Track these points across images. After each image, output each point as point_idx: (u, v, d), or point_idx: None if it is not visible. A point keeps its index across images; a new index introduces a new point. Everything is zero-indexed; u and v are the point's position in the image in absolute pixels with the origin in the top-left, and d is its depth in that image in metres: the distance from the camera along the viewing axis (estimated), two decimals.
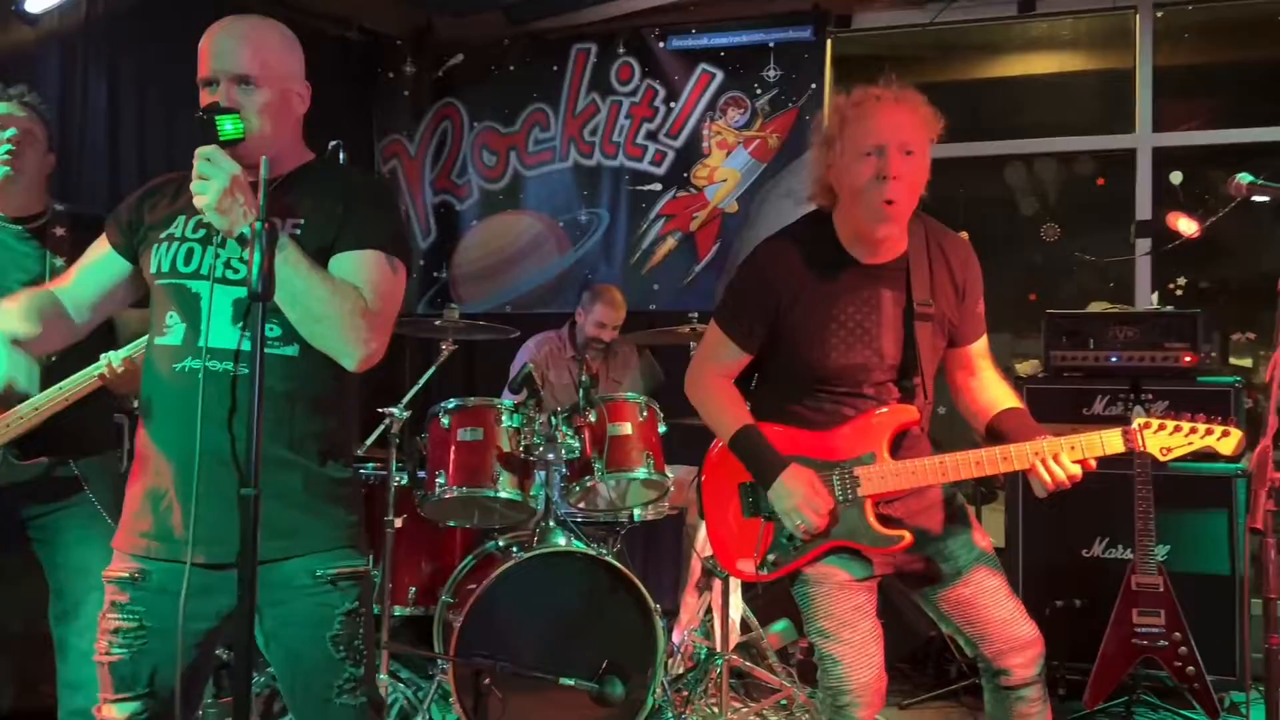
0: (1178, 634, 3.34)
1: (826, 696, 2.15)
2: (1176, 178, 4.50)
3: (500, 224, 5.12)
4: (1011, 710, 2.17)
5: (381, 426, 3.34)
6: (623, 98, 4.95)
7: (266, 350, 1.65)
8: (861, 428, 2.17)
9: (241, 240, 1.68)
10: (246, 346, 1.64)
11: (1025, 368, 4.22)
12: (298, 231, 1.76)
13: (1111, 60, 4.61)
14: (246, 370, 1.65)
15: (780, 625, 3.79)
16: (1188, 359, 3.68)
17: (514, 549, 3.10)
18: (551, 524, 3.17)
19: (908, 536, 2.13)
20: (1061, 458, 2.03)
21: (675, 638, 3.70)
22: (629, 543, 3.66)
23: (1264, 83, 4.86)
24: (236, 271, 1.77)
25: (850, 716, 2.12)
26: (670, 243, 4.87)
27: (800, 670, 3.64)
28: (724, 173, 4.81)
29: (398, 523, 3.21)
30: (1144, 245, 4.39)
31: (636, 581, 3.06)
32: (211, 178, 1.65)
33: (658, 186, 4.89)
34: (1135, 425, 2.08)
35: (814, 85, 4.69)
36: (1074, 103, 4.88)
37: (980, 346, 2.29)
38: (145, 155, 4.17)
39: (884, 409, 2.18)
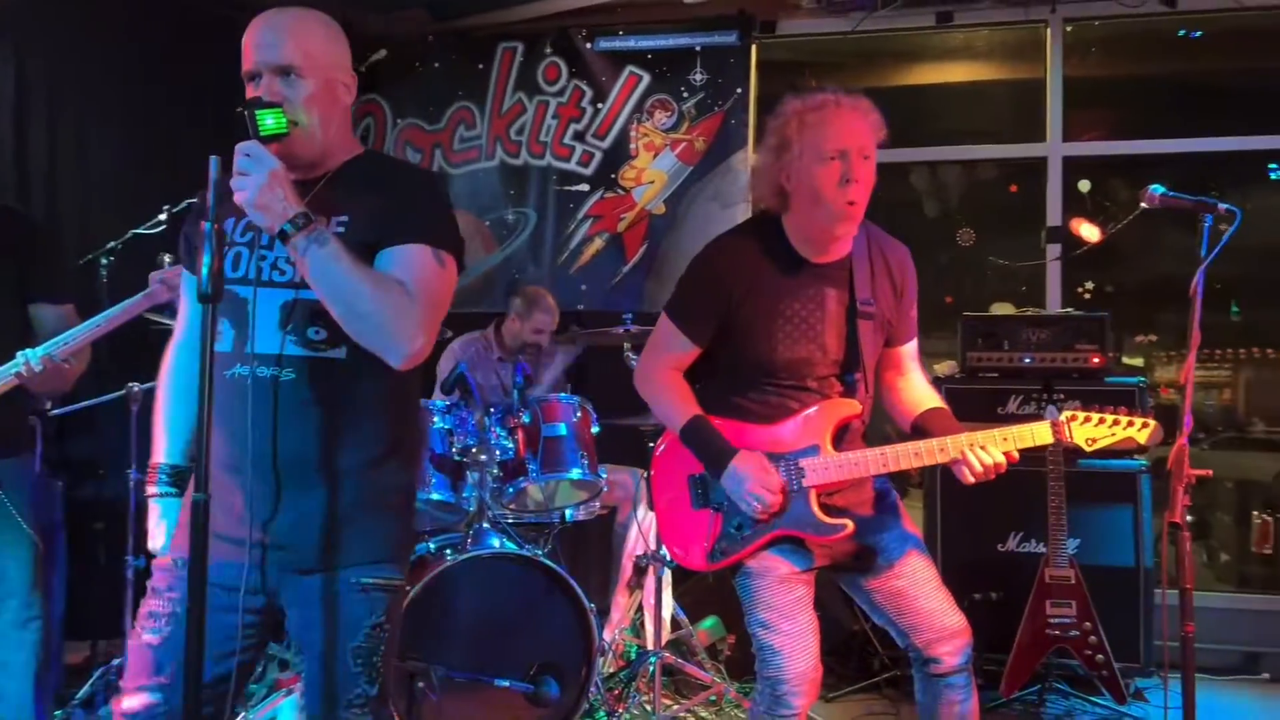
0: (1088, 624, 3.49)
1: (765, 686, 2.22)
2: (1085, 186, 4.69)
3: None
4: (940, 698, 2.26)
5: None
6: (550, 97, 4.95)
7: (313, 354, 1.63)
8: (806, 421, 2.24)
9: (283, 236, 1.63)
10: (290, 350, 1.62)
11: (943, 367, 4.35)
12: (341, 229, 1.71)
13: (1024, 71, 4.78)
14: (292, 375, 1.63)
15: (709, 622, 3.84)
16: (1096, 360, 3.85)
17: (447, 552, 3.08)
18: (484, 525, 3.16)
19: (850, 525, 2.20)
20: (991, 448, 2.13)
21: (606, 636, 3.72)
22: (560, 542, 3.66)
23: (1162, 95, 5.12)
24: (284, 273, 1.72)
25: (787, 704, 2.19)
26: (598, 243, 4.88)
27: (729, 666, 3.70)
28: (651, 174, 4.84)
29: None
30: (1054, 250, 4.56)
31: (571, 582, 3.07)
32: (251, 173, 1.60)
33: (585, 187, 4.89)
34: (1062, 418, 2.18)
35: (739, 90, 4.75)
36: (989, 110, 5.05)
37: (911, 348, 2.40)
38: (55, 148, 4.02)
39: (827, 402, 2.25)
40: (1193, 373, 2.13)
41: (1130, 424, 2.17)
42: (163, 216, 3.41)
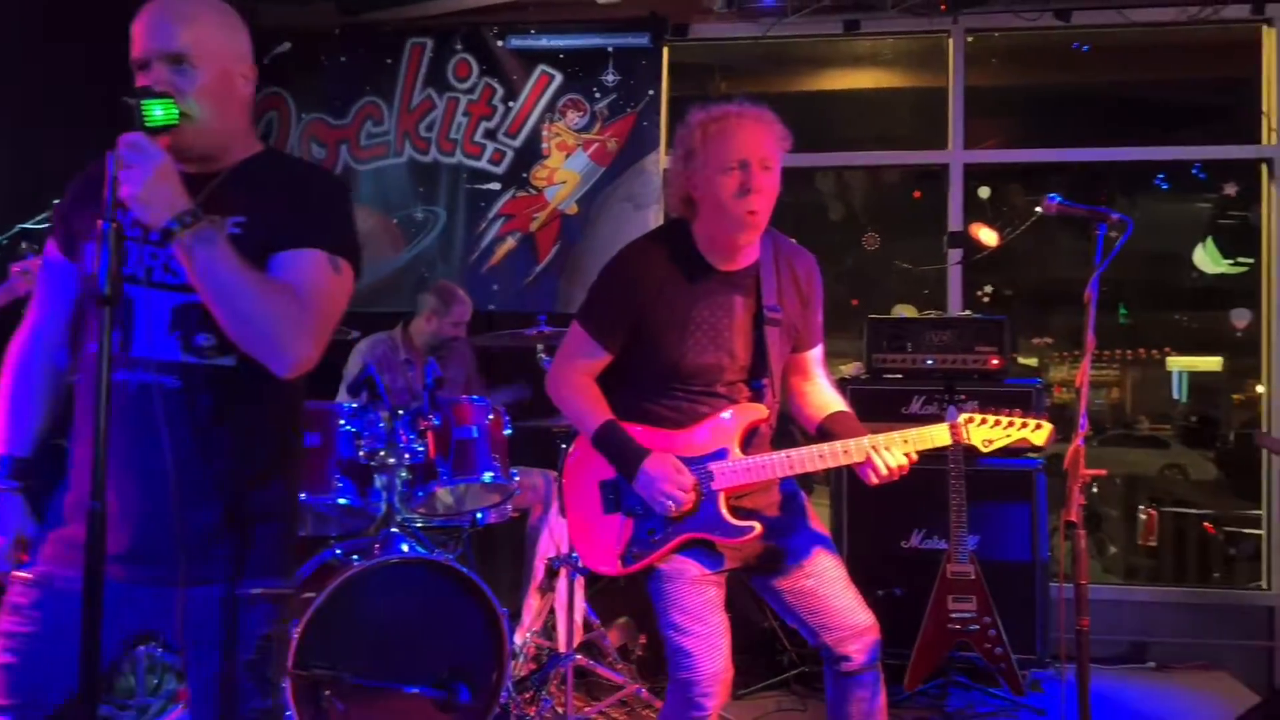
0: (988, 618, 3.61)
1: (677, 688, 2.26)
2: (984, 193, 4.85)
3: None
4: (850, 695, 2.32)
5: None
6: (460, 94, 4.90)
7: (200, 361, 1.57)
8: (714, 426, 2.30)
9: (168, 234, 1.55)
10: (176, 356, 1.56)
11: (848, 368, 4.45)
12: (238, 230, 1.65)
13: (928, 79, 4.92)
14: (178, 382, 1.57)
15: (620, 621, 3.86)
16: (994, 362, 3.98)
17: (354, 557, 3.02)
18: (393, 530, 3.11)
19: (758, 527, 2.26)
20: (894, 450, 2.20)
21: (517, 640, 3.69)
22: (471, 546, 3.61)
23: (1058, 106, 5.32)
24: (176, 275, 1.63)
25: (699, 705, 2.23)
26: (510, 243, 4.85)
27: (641, 666, 3.71)
28: (564, 174, 4.83)
29: None
30: (955, 255, 4.70)
31: (482, 586, 3.04)
32: (136, 166, 1.51)
33: (496, 186, 4.85)
34: (960, 420, 2.27)
35: (651, 92, 4.77)
36: (894, 117, 5.18)
37: (816, 354, 2.47)
38: None
39: (736, 408, 2.31)
40: (1088, 376, 2.23)
41: (1025, 425, 2.26)
42: (50, 212, 3.26)
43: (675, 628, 2.25)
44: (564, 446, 3.52)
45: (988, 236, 4.85)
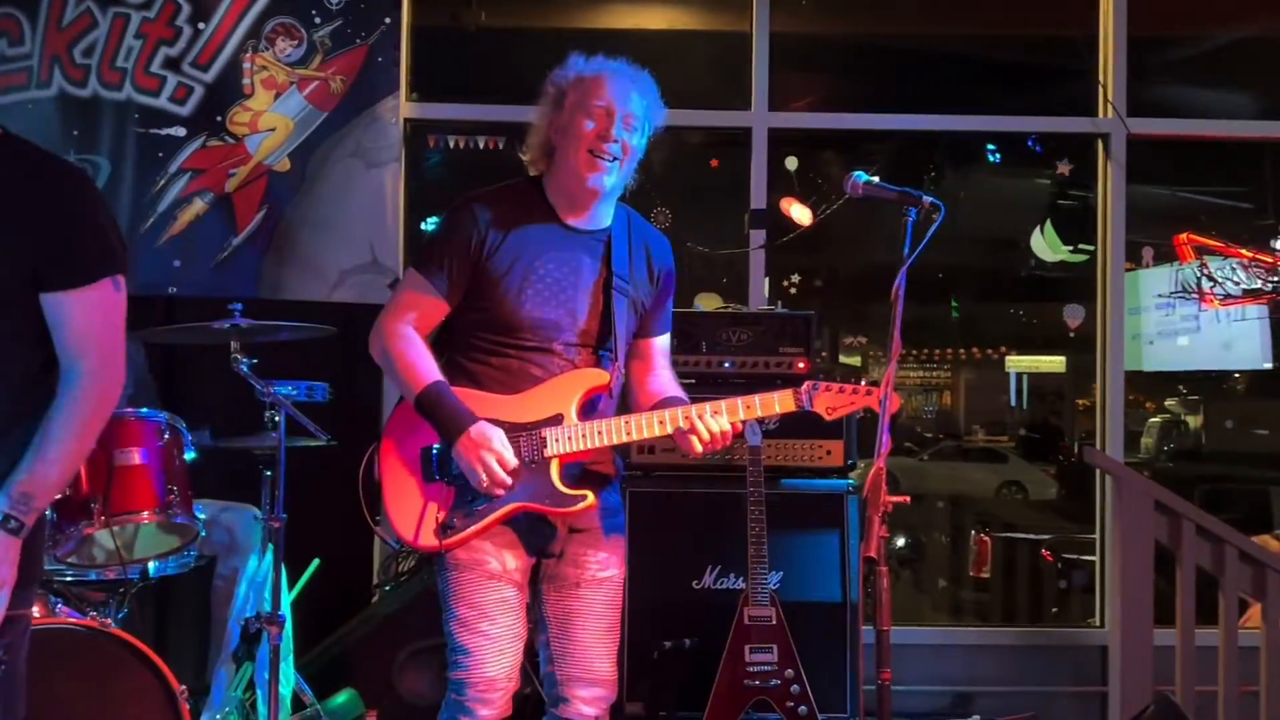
0: (790, 670, 3.82)
1: (450, 691, 2.60)
2: (792, 163, 5.11)
3: None
4: None
5: None
6: (131, 10, 4.70)
7: None
8: (550, 389, 2.65)
9: None
10: None
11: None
12: None
13: (727, 21, 5.12)
14: None
15: (342, 697, 3.85)
16: (801, 365, 4.21)
17: None
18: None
19: (591, 498, 2.62)
20: (721, 417, 2.60)
21: None
22: (140, 605, 3.57)
23: (877, 61, 5.65)
24: None
25: (467, 710, 2.57)
26: (198, 206, 4.71)
27: None
28: (272, 119, 4.74)
29: None
30: (758, 237, 4.94)
31: (153, 657, 3.01)
32: None
33: (181, 131, 4.71)
34: (804, 387, 2.65)
35: (388, 19, 4.75)
36: (687, 67, 5.36)
37: (662, 343, 2.90)
38: None
39: (574, 372, 2.67)
40: (892, 386, 2.42)
41: (868, 393, 2.63)
42: None
43: (458, 621, 2.58)
44: (269, 473, 3.48)
45: (800, 214, 5.11)
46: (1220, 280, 5.26)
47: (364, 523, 4.89)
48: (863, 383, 2.64)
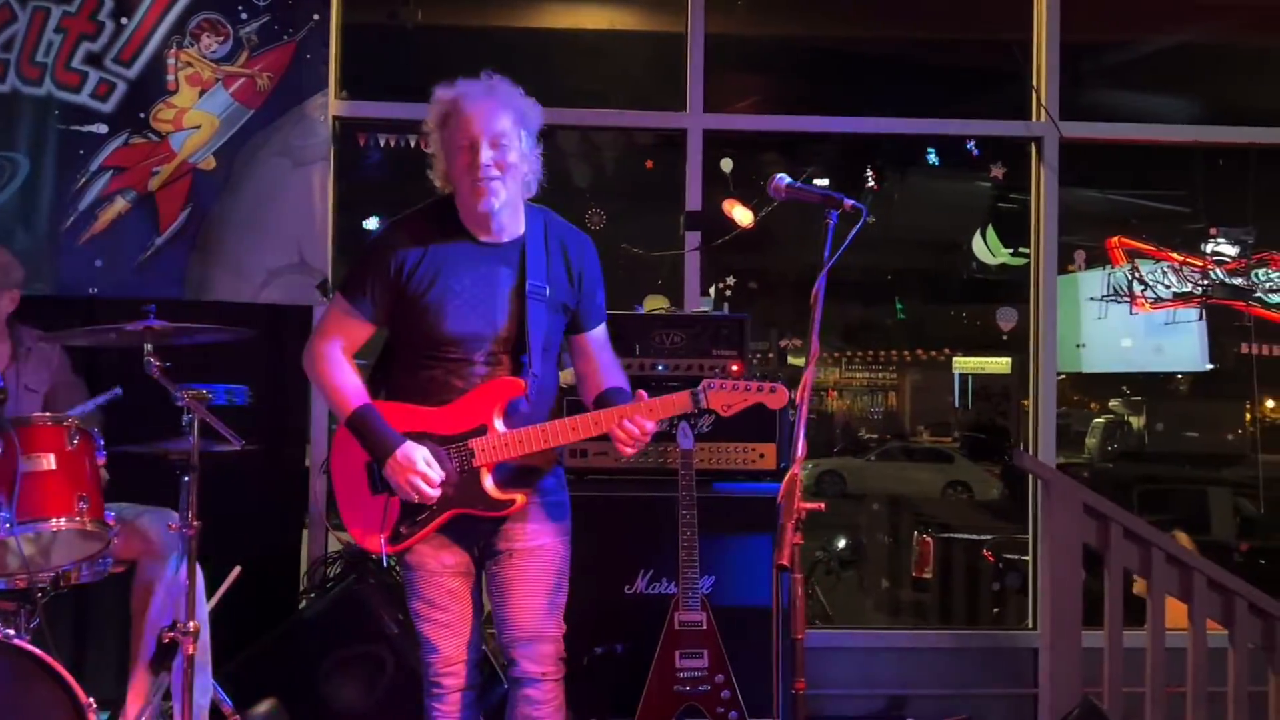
0: (720, 676, 3.82)
1: (423, 671, 3.01)
2: (727, 165, 5.10)
3: None
4: (517, 709, 2.99)
5: None
6: (51, 4, 4.63)
7: None
8: (471, 402, 2.88)
9: None
10: None
11: (566, 375, 4.56)
12: None
13: (664, 22, 5.12)
14: None
15: (264, 707, 3.80)
16: (735, 367, 4.21)
17: None
18: None
19: (521, 498, 2.90)
20: (638, 419, 2.83)
21: None
22: (58, 614, 3.52)
23: (815, 62, 5.68)
24: None
25: (436, 684, 2.99)
26: (120, 204, 4.65)
27: None
28: (197, 117, 4.69)
29: None
30: (693, 239, 4.93)
31: (59, 669, 2.98)
32: None
33: (103, 128, 4.65)
34: (700, 387, 2.86)
35: (317, 17, 4.71)
36: (622, 68, 5.35)
37: (598, 334, 3.10)
38: None
39: (492, 382, 2.88)
40: (810, 389, 2.42)
41: (760, 389, 2.88)
42: None
43: (416, 614, 3.00)
44: (186, 478, 3.42)
45: (743, 215, 5.10)
46: (1151, 284, 5.33)
47: (290, 527, 4.90)
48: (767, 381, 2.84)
